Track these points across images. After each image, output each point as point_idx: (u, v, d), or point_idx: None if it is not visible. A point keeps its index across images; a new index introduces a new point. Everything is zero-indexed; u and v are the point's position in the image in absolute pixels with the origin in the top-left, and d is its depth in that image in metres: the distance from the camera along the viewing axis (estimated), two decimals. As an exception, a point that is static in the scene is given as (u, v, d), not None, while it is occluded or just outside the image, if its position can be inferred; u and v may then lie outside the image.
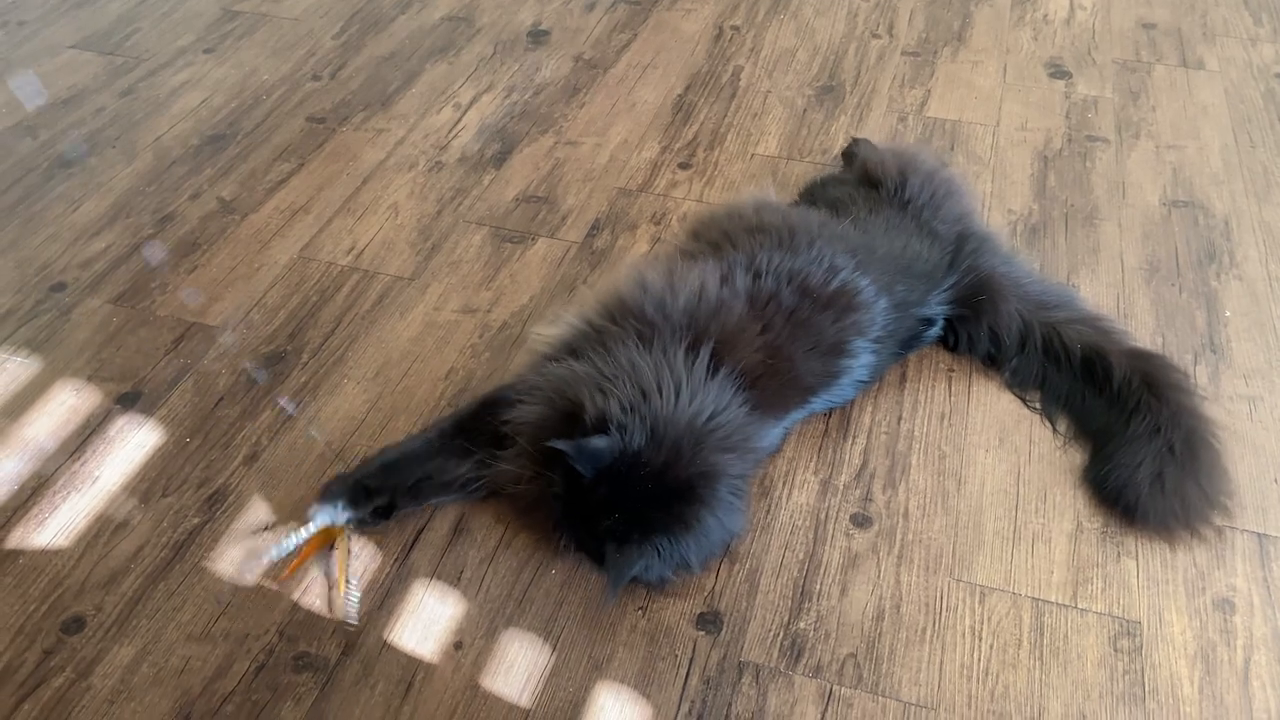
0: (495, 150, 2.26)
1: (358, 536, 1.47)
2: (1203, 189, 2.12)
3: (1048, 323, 1.68)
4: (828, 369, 1.57)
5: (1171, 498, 1.49)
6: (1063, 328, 1.67)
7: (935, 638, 1.36)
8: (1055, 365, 1.67)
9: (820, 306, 1.55)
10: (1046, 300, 1.72)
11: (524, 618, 1.39)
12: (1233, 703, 1.29)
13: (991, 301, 1.70)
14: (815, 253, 1.61)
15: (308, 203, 2.12)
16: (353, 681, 1.31)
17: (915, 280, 1.67)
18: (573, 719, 1.28)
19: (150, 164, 2.23)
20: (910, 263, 1.68)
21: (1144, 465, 1.51)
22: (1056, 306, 1.71)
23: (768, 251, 1.61)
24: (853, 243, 1.67)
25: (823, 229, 1.68)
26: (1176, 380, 1.61)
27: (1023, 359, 1.69)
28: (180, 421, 1.65)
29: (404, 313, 1.85)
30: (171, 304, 1.87)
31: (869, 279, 1.60)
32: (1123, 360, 1.61)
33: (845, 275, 1.59)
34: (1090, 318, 1.71)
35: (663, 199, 2.12)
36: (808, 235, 1.65)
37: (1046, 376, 1.68)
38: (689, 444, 1.36)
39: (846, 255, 1.62)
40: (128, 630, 1.37)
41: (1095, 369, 1.63)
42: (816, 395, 1.58)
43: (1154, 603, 1.40)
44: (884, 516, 1.51)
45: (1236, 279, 1.90)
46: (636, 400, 1.37)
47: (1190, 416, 1.56)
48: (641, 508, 1.33)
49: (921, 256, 1.70)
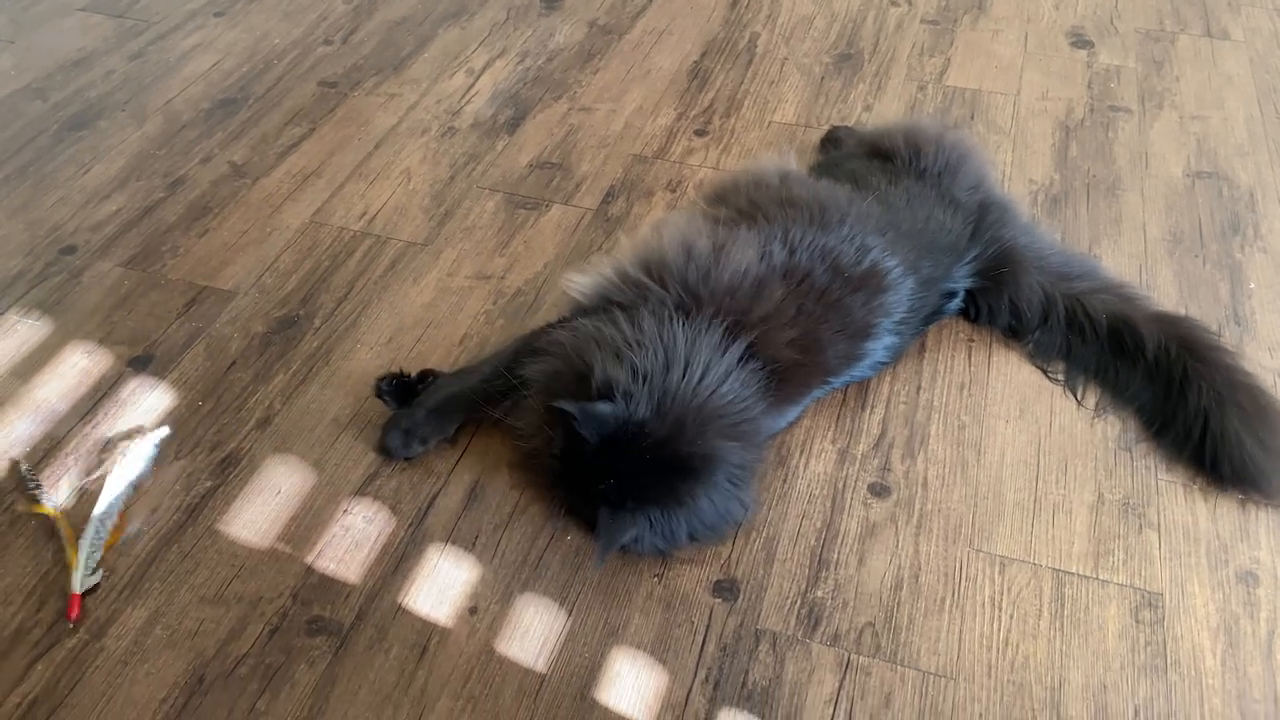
0: (508, 116, 2.23)
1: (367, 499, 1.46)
2: (1227, 160, 2.08)
3: (1070, 294, 1.66)
4: (852, 351, 1.55)
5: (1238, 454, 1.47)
6: (1086, 298, 1.65)
7: (954, 608, 1.35)
8: (1080, 337, 1.65)
9: (852, 288, 1.53)
10: (1069, 271, 1.69)
11: (539, 583, 1.38)
12: (1256, 675, 1.28)
13: (1013, 273, 1.68)
14: (847, 230, 1.59)
15: (319, 167, 2.09)
16: (367, 645, 1.30)
17: (940, 255, 1.65)
18: (588, 684, 1.27)
19: (161, 127, 2.21)
20: (935, 237, 1.66)
21: (1233, 434, 1.48)
22: (1079, 277, 1.69)
23: (801, 227, 1.58)
24: (881, 220, 1.64)
25: (851, 205, 1.65)
26: (1211, 341, 1.59)
27: (1045, 332, 1.67)
28: (192, 385, 1.64)
29: (417, 278, 1.83)
30: (183, 267, 1.86)
31: (898, 259, 1.58)
32: (1151, 327, 1.59)
33: (875, 255, 1.57)
34: (1113, 285, 1.69)
35: (678, 166, 2.09)
36: (839, 212, 1.62)
37: (1071, 349, 1.66)
38: (694, 422, 1.35)
39: (876, 234, 1.60)
40: (140, 592, 1.36)
41: (1124, 339, 1.61)
42: (837, 376, 1.56)
43: (1176, 575, 1.39)
44: (902, 486, 1.49)
45: (1261, 251, 1.87)
46: (653, 371, 1.35)
47: (1241, 374, 1.54)
48: (638, 477, 1.32)
49: (945, 228, 1.67)
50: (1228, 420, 1.49)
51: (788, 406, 1.53)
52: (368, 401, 1.60)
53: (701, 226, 1.60)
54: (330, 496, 1.48)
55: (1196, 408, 1.52)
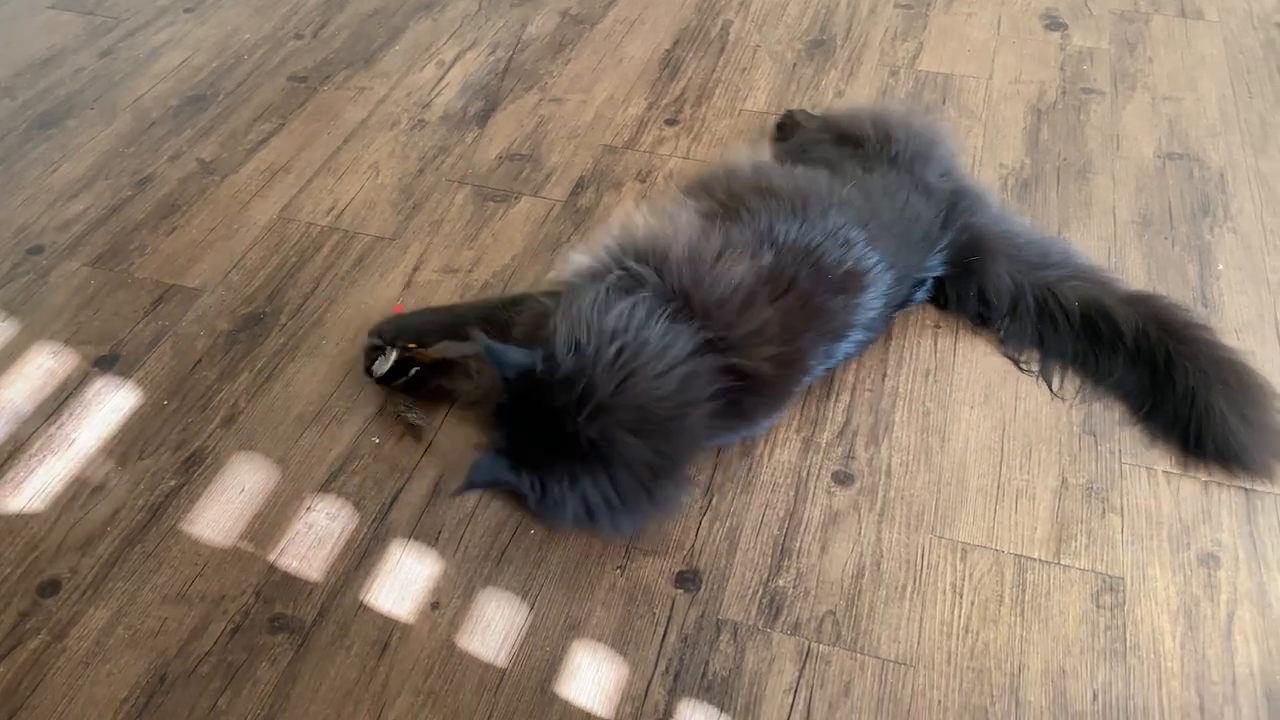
0: (479, 108, 2.22)
1: (333, 496, 1.46)
2: (1199, 141, 2.08)
3: (1041, 283, 1.65)
4: (829, 350, 1.55)
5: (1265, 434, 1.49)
6: (1056, 286, 1.64)
7: (915, 595, 1.35)
8: (1052, 326, 1.64)
9: (834, 290, 1.52)
10: (1039, 259, 1.69)
11: (502, 577, 1.38)
12: (1215, 657, 1.28)
13: (982, 262, 1.67)
14: (830, 225, 1.56)
15: (288, 163, 2.09)
16: (328, 642, 1.31)
17: (915, 246, 1.64)
18: (549, 678, 1.27)
19: (129, 125, 2.20)
20: (910, 227, 1.64)
21: (1218, 412, 1.49)
22: (1050, 265, 1.68)
23: (786, 222, 1.56)
24: (862, 211, 1.62)
25: (833, 195, 1.63)
26: (1187, 319, 1.60)
27: (1015, 321, 1.66)
28: (158, 384, 1.64)
29: (384, 273, 1.82)
30: (150, 266, 1.85)
31: (877, 254, 1.56)
32: (1126, 311, 1.59)
33: (858, 251, 1.55)
34: (1085, 271, 1.69)
35: (649, 156, 2.09)
36: (821, 203, 1.60)
37: (1044, 338, 1.65)
38: (599, 404, 1.31)
39: (859, 227, 1.58)
40: (103, 593, 1.36)
41: (1099, 326, 1.60)
42: (811, 374, 1.56)
43: (1138, 558, 1.39)
44: (866, 474, 1.49)
45: (1230, 232, 1.87)
46: (590, 346, 1.34)
47: (1222, 351, 1.55)
48: (553, 436, 1.32)
49: (920, 217, 1.66)
50: (1214, 399, 1.49)
51: (768, 413, 1.53)
52: (333, 397, 1.61)
53: (702, 226, 1.57)
54: (294, 494, 1.48)
55: (1184, 389, 1.52)
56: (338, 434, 1.55)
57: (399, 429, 1.56)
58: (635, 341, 1.36)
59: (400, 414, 1.55)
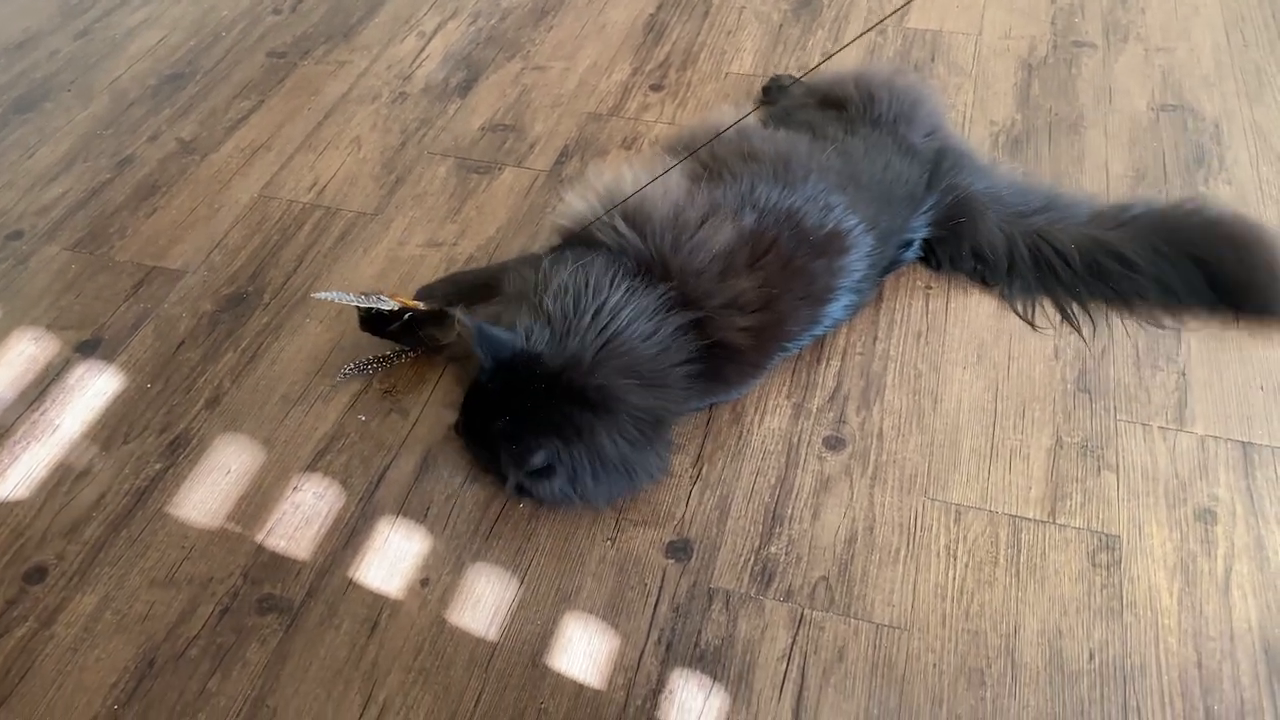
0: (460, 79, 2.19)
1: (318, 477, 1.45)
2: (1193, 91, 2.04)
3: (1031, 231, 1.65)
4: (813, 315, 1.53)
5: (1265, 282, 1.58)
6: (1048, 232, 1.64)
7: (909, 558, 1.33)
8: (1052, 272, 1.63)
9: (815, 253, 1.51)
10: (1024, 207, 1.68)
11: (491, 552, 1.37)
12: (1212, 613, 1.27)
13: (971, 222, 1.65)
14: (810, 188, 1.55)
15: (269, 140, 2.06)
16: (317, 622, 1.30)
17: (898, 206, 1.62)
18: (540, 651, 1.26)
19: (107, 106, 2.17)
20: (893, 188, 1.63)
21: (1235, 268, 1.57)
22: (1037, 211, 1.68)
23: (766, 185, 1.55)
24: (842, 174, 1.61)
25: (813, 159, 1.62)
26: (1180, 209, 1.66)
27: (1015, 275, 1.65)
28: (141, 367, 1.62)
29: (367, 249, 1.80)
30: (131, 248, 1.83)
31: (858, 216, 1.55)
32: (1123, 236, 1.62)
33: (838, 214, 1.54)
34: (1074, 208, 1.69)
35: (634, 122, 2.05)
36: (802, 168, 1.59)
37: (1047, 285, 1.64)
38: (593, 356, 1.34)
39: (838, 191, 1.57)
40: (90, 578, 1.35)
41: (1101, 262, 1.61)
42: (796, 341, 1.54)
43: (1134, 515, 1.37)
44: (857, 438, 1.47)
45: (1226, 183, 1.84)
46: (563, 312, 1.36)
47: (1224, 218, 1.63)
48: (533, 408, 1.32)
49: (903, 178, 1.64)
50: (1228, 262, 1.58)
51: (744, 380, 1.52)
52: (318, 376, 1.59)
53: (688, 189, 1.56)
54: (280, 474, 1.46)
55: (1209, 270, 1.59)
56: (323, 413, 1.54)
57: (385, 406, 1.54)
58: (605, 301, 1.38)
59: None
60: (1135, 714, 1.18)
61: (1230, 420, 1.47)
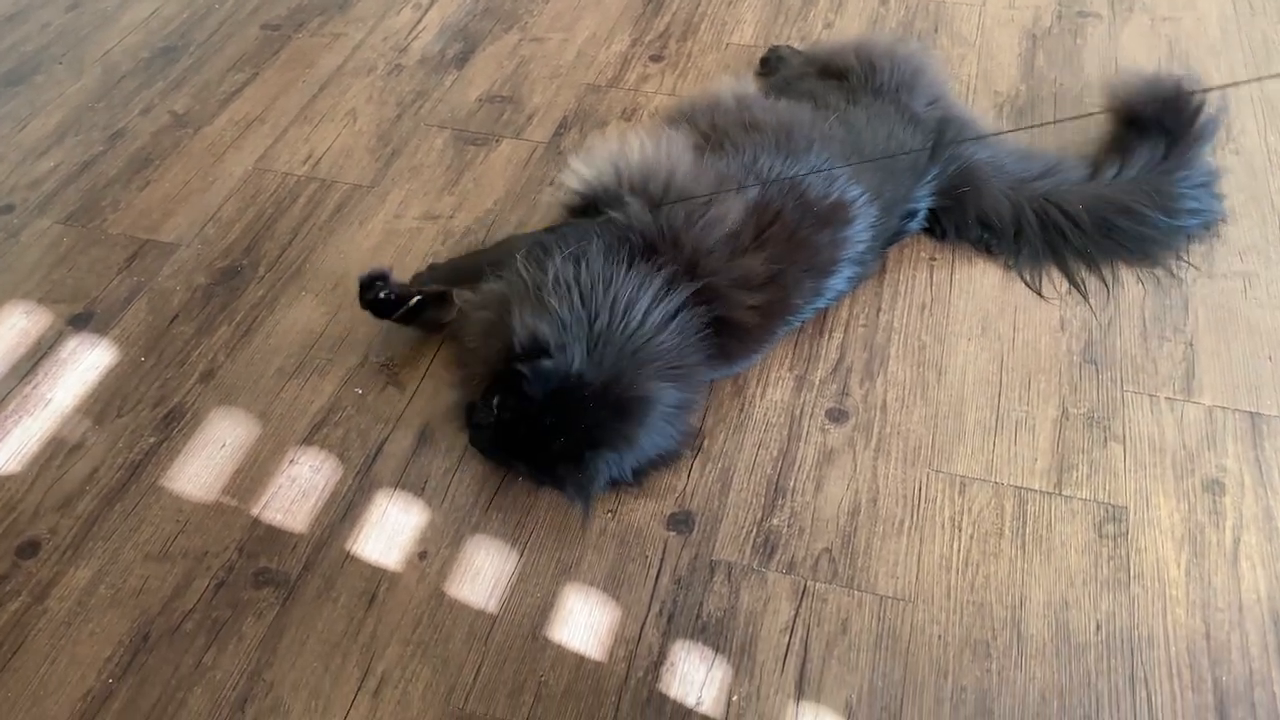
0: (457, 50, 2.16)
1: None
2: (1200, 61, 2.01)
3: (1037, 195, 1.63)
4: (816, 287, 1.51)
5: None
6: (1054, 195, 1.62)
7: (913, 530, 1.32)
8: (1061, 235, 1.61)
9: (819, 224, 1.48)
10: (1027, 173, 1.66)
11: (491, 525, 1.35)
12: (1220, 584, 1.25)
13: (976, 190, 1.63)
14: (814, 159, 1.53)
15: (263, 113, 2.03)
16: (315, 595, 1.28)
17: (901, 176, 1.60)
18: (540, 624, 1.24)
19: (99, 79, 2.14)
20: (896, 158, 1.60)
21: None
22: (1040, 175, 1.66)
23: (769, 156, 1.53)
24: (845, 144, 1.59)
25: (815, 128, 1.60)
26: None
27: (1022, 242, 1.63)
28: (134, 340, 1.60)
29: (363, 222, 1.77)
30: (123, 222, 1.80)
31: (861, 186, 1.53)
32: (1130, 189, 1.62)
33: (841, 184, 1.51)
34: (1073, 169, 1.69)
35: (633, 94, 2.03)
36: (804, 138, 1.56)
37: (1056, 248, 1.62)
38: (630, 367, 1.31)
39: (841, 160, 1.55)
40: (84, 552, 1.33)
41: (1113, 221, 1.61)
42: (800, 314, 1.52)
43: (1141, 486, 1.35)
44: (861, 410, 1.45)
45: (1234, 153, 1.81)
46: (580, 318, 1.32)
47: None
48: (586, 425, 1.29)
49: (905, 147, 1.61)
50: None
51: (748, 356, 1.50)
52: (313, 349, 1.57)
53: (694, 161, 1.53)
54: (276, 447, 1.44)
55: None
56: (319, 386, 1.52)
57: (382, 380, 1.52)
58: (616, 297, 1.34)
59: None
60: (1142, 685, 1.17)
61: (1238, 390, 1.45)
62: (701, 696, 1.17)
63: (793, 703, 1.17)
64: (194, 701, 1.18)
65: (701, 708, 1.17)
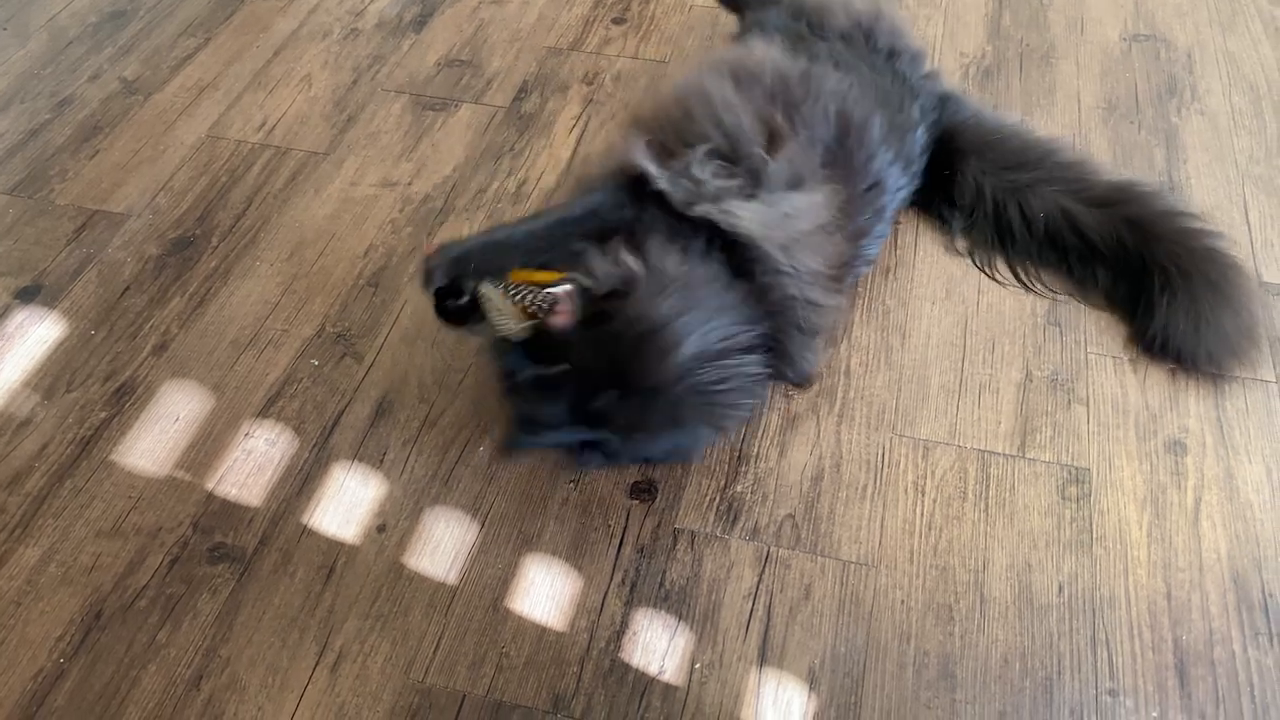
0: (415, 13, 2.11)
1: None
2: (1165, 21, 2.00)
3: (1006, 188, 1.55)
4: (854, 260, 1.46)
5: (1211, 334, 1.41)
6: (1024, 193, 1.54)
7: (876, 495, 1.31)
8: (1010, 233, 1.55)
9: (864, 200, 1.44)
10: (1011, 161, 1.57)
11: (450, 496, 1.33)
12: (1182, 544, 1.25)
13: (951, 161, 1.59)
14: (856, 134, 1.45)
15: (215, 79, 1.98)
16: (271, 570, 1.26)
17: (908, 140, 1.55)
18: (500, 595, 1.23)
19: (45, 45, 2.08)
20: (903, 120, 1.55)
21: (1181, 314, 1.41)
22: (1022, 167, 1.56)
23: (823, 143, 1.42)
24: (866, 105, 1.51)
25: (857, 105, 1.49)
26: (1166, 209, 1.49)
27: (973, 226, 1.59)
28: (84, 313, 1.56)
29: (319, 189, 1.73)
30: (72, 192, 1.76)
31: (891, 153, 1.49)
32: (1098, 216, 1.49)
33: (874, 149, 1.46)
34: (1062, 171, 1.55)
35: (595, 57, 1.99)
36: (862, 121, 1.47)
37: (1004, 243, 1.57)
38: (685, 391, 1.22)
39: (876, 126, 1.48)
40: (33, 530, 1.30)
41: (1064, 237, 1.51)
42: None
43: (1104, 449, 1.35)
44: (825, 375, 1.44)
45: (1198, 113, 1.80)
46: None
47: (1203, 246, 1.45)
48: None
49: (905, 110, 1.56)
50: (1193, 303, 1.41)
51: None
52: (268, 320, 1.53)
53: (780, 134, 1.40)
54: (231, 420, 1.41)
55: (1163, 292, 1.43)
56: (274, 358, 1.48)
57: (339, 351, 1.49)
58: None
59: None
60: (1104, 646, 1.17)
61: (1201, 351, 1.45)
62: (664, 665, 1.17)
63: (756, 669, 1.16)
64: (148, 680, 1.16)
65: (664, 676, 1.16)
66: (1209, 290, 1.42)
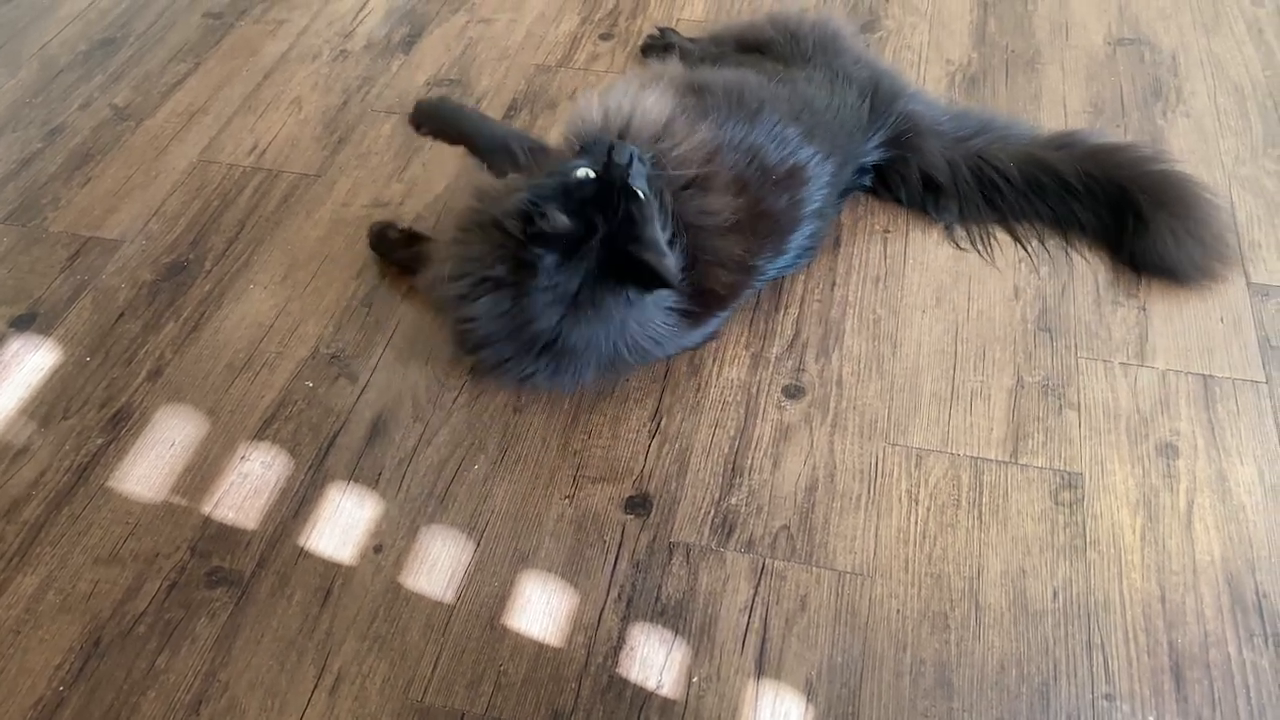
0: (404, 34, 2.12)
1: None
2: (1149, 24, 2.01)
3: (971, 154, 1.63)
4: (778, 247, 1.50)
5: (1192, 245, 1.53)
6: (986, 152, 1.62)
7: (870, 505, 1.31)
8: (998, 192, 1.62)
9: (779, 190, 1.48)
10: (961, 131, 1.66)
11: (446, 515, 1.33)
12: (1175, 547, 1.26)
13: (917, 143, 1.64)
14: (767, 121, 1.52)
15: (206, 103, 1.99)
16: (269, 593, 1.26)
17: (851, 131, 1.60)
18: (499, 612, 1.23)
19: (36, 74, 2.09)
20: (841, 114, 1.61)
21: (1170, 232, 1.53)
22: (973, 134, 1.66)
23: (731, 123, 1.50)
24: (794, 104, 1.58)
25: (763, 91, 1.59)
26: (1117, 144, 1.64)
27: (961, 201, 1.63)
28: (79, 340, 1.57)
29: (311, 212, 1.74)
30: (65, 219, 1.76)
31: (814, 146, 1.53)
32: (1059, 155, 1.60)
33: (795, 146, 1.51)
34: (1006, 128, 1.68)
35: (583, 73, 2.00)
36: (755, 101, 1.55)
37: (995, 205, 1.63)
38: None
39: (793, 121, 1.54)
40: (31, 558, 1.31)
41: (1041, 179, 1.60)
42: (763, 276, 1.51)
43: (1096, 453, 1.36)
44: (817, 386, 1.45)
45: (1184, 115, 1.81)
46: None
47: (1161, 167, 1.59)
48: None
49: (849, 104, 1.61)
50: (1163, 220, 1.53)
51: (709, 322, 1.48)
52: (262, 343, 1.54)
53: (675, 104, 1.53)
54: (226, 444, 1.42)
55: (1136, 215, 1.55)
56: (269, 380, 1.49)
57: (333, 372, 1.50)
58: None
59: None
60: (1099, 651, 1.17)
61: (1191, 353, 1.46)
62: (662, 679, 1.17)
63: (753, 681, 1.16)
64: (147, 706, 1.17)
65: (662, 690, 1.16)
66: (1180, 207, 1.54)
